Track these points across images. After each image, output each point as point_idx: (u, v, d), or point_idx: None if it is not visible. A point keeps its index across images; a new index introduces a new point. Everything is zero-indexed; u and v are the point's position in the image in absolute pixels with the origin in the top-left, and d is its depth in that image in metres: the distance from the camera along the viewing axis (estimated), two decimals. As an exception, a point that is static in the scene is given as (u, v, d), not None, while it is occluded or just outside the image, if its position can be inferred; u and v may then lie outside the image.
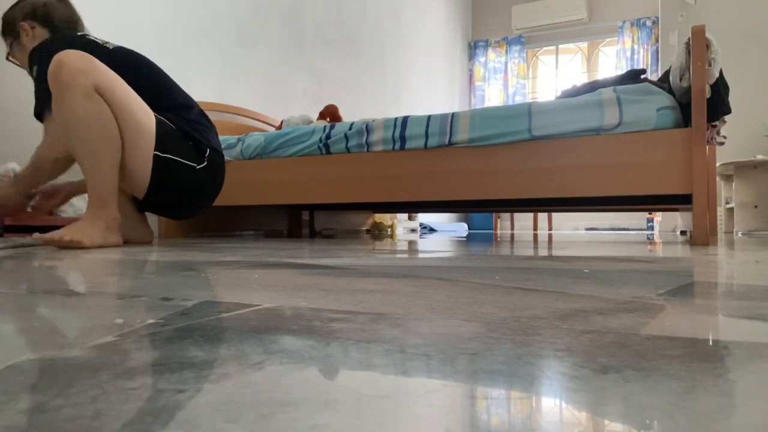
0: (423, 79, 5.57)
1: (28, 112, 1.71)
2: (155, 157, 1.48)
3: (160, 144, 1.48)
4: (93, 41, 1.55)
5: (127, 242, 1.62)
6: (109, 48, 1.55)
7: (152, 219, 2.41)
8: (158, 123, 1.49)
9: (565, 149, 1.76)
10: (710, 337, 0.32)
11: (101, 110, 1.36)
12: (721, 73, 1.69)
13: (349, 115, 4.04)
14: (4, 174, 1.86)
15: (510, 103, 6.59)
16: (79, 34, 1.59)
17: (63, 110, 1.34)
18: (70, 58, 1.33)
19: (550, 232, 4.34)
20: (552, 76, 6.71)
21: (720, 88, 1.68)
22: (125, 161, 1.45)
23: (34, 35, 1.61)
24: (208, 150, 1.60)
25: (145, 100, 1.51)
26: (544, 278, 0.65)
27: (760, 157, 3.70)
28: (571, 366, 0.26)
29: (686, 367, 0.26)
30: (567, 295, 0.51)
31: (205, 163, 1.59)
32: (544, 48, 6.72)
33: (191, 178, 1.56)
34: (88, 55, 1.37)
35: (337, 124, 2.15)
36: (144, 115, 1.45)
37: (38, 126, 1.71)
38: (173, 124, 1.55)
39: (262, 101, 3.17)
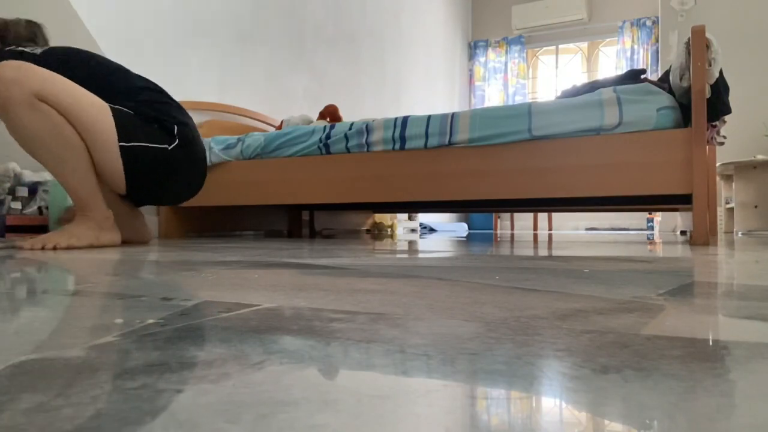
0: (423, 79, 5.57)
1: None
2: (121, 148, 1.41)
3: (122, 134, 1.41)
4: (21, 52, 1.47)
5: (124, 242, 1.62)
6: (37, 54, 1.47)
7: (152, 219, 2.41)
8: (115, 113, 1.42)
9: (565, 149, 1.76)
10: (710, 337, 0.32)
11: (49, 118, 1.30)
12: (721, 73, 1.69)
13: (349, 115, 4.04)
14: (5, 174, 1.86)
15: (510, 103, 6.59)
16: (7, 49, 1.50)
17: (14, 127, 1.29)
18: (3, 71, 1.27)
19: (550, 232, 4.34)
20: (552, 76, 6.71)
21: (720, 88, 1.68)
22: (94, 161, 1.40)
23: None
24: (175, 127, 1.52)
25: (93, 92, 1.43)
26: (544, 278, 0.65)
27: (760, 157, 3.70)
28: (571, 366, 0.26)
29: (686, 367, 0.26)
30: (567, 295, 0.51)
31: (177, 141, 1.51)
32: (544, 48, 6.72)
33: (166, 161, 1.49)
34: (24, 63, 1.30)
35: (337, 124, 2.15)
36: (97, 110, 1.38)
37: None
38: (132, 109, 1.47)
39: (262, 101, 3.17)
